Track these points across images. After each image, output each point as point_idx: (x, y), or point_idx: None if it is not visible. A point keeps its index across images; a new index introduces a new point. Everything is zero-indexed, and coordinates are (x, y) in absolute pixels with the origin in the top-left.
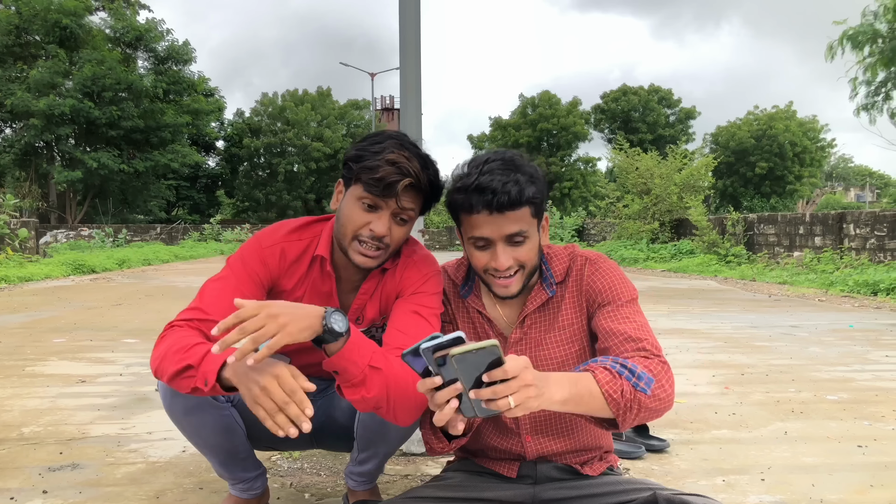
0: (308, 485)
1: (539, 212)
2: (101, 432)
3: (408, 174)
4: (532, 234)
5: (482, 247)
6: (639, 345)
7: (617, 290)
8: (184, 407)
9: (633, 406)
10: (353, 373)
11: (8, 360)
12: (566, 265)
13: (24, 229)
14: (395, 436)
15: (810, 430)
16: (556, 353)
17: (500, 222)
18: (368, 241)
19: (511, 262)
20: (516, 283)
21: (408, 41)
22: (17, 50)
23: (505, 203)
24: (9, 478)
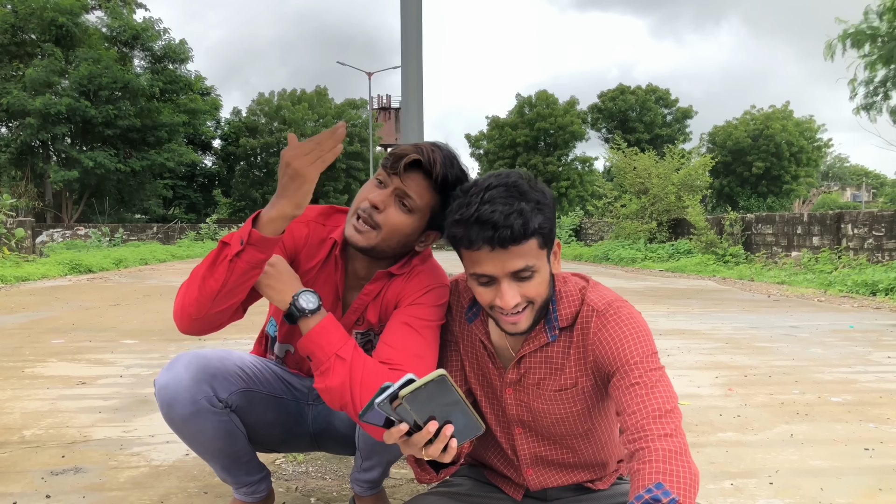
0: (313, 489)
1: (548, 241)
2: (103, 435)
3: (419, 153)
4: (541, 266)
5: (486, 283)
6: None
7: (630, 350)
8: (182, 416)
9: None
10: (319, 358)
11: (7, 362)
12: (574, 310)
13: (21, 229)
14: (396, 446)
15: (816, 433)
16: (555, 409)
17: (504, 258)
18: (362, 213)
19: (518, 300)
20: (525, 319)
21: (409, 41)
22: (13, 48)
23: (508, 238)
24: (11, 482)
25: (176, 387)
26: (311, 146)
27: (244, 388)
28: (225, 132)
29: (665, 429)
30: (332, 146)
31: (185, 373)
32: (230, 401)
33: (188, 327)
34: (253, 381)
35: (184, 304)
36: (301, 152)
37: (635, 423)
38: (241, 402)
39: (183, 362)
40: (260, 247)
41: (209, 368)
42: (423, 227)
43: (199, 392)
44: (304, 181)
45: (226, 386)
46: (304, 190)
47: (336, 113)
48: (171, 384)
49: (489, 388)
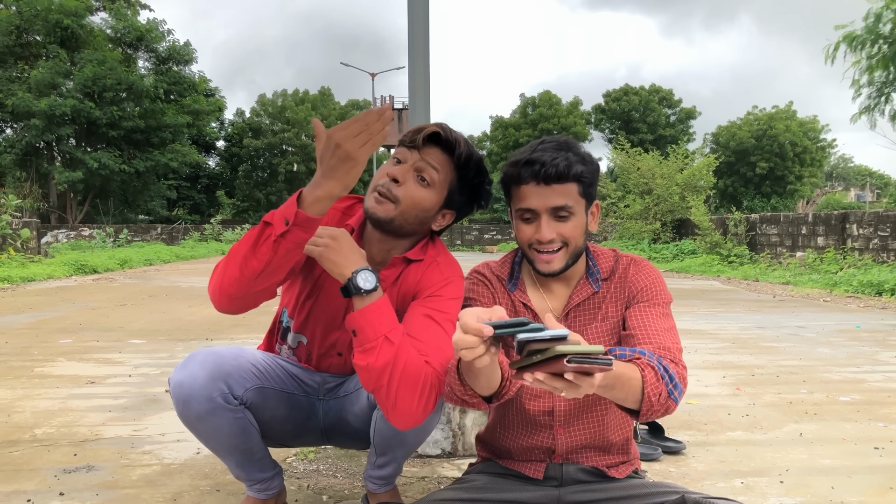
0: (325, 487)
1: (587, 194)
2: (114, 434)
3: (439, 128)
4: (578, 212)
5: (528, 219)
6: (672, 354)
7: (657, 289)
8: (197, 413)
9: (660, 410)
10: (367, 336)
11: (16, 361)
12: (611, 264)
13: (27, 230)
14: (412, 440)
15: (825, 432)
16: (595, 343)
17: (546, 194)
18: (381, 187)
19: (554, 236)
20: (559, 259)
21: (416, 42)
22: (18, 50)
23: (552, 175)
24: (25, 480)
25: (191, 384)
26: (359, 127)
27: (258, 384)
28: (228, 133)
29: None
30: (381, 129)
31: (200, 370)
32: (245, 398)
33: (226, 306)
34: (266, 378)
35: (223, 284)
36: (351, 133)
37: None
38: (256, 399)
39: (198, 360)
40: (305, 227)
41: (224, 366)
42: (441, 203)
43: (214, 389)
44: (355, 164)
45: (240, 383)
46: (354, 173)
47: (340, 114)
48: (186, 382)
49: None
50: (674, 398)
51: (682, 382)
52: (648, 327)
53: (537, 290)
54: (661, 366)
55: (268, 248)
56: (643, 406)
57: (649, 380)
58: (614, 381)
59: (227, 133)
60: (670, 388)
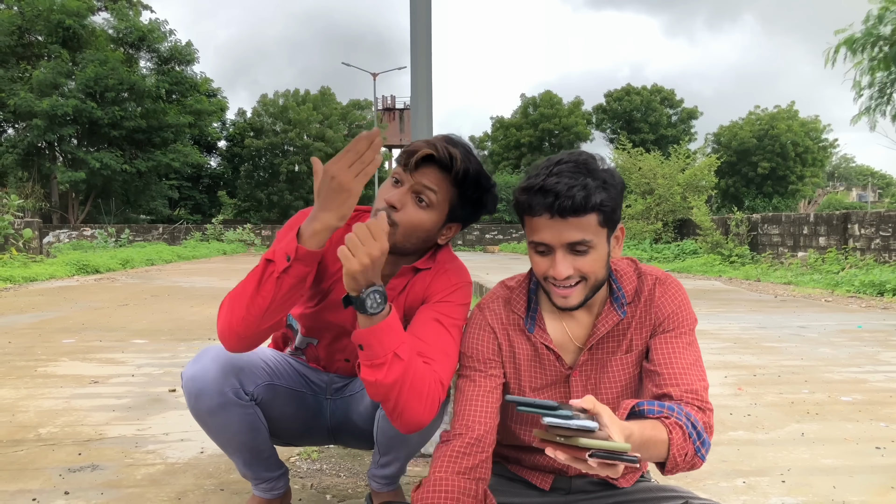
0: (328, 486)
1: (609, 221)
2: (118, 433)
3: (433, 148)
4: (598, 244)
5: (542, 252)
6: (699, 398)
7: (683, 315)
8: (208, 408)
9: (685, 467)
10: (377, 352)
11: (20, 361)
12: (635, 284)
13: (29, 229)
14: (415, 440)
15: (827, 432)
16: (620, 376)
17: (562, 228)
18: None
19: (570, 272)
20: (576, 294)
21: (418, 43)
22: (19, 50)
23: (568, 208)
24: (29, 479)
25: (203, 378)
26: (352, 157)
27: (268, 381)
28: (230, 133)
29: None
30: (372, 157)
31: (212, 365)
32: (255, 394)
33: (236, 345)
34: (276, 375)
35: (231, 324)
36: (344, 165)
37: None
38: (266, 396)
39: (210, 355)
40: (306, 261)
41: (236, 361)
42: (444, 220)
43: (226, 384)
44: (349, 195)
45: (252, 379)
46: (350, 203)
47: (341, 114)
48: (198, 376)
49: (549, 384)
50: (700, 455)
51: (709, 432)
52: (674, 364)
53: (558, 323)
54: (689, 423)
55: (271, 285)
56: (668, 464)
57: (676, 441)
58: (641, 446)
59: (228, 133)
60: (697, 446)
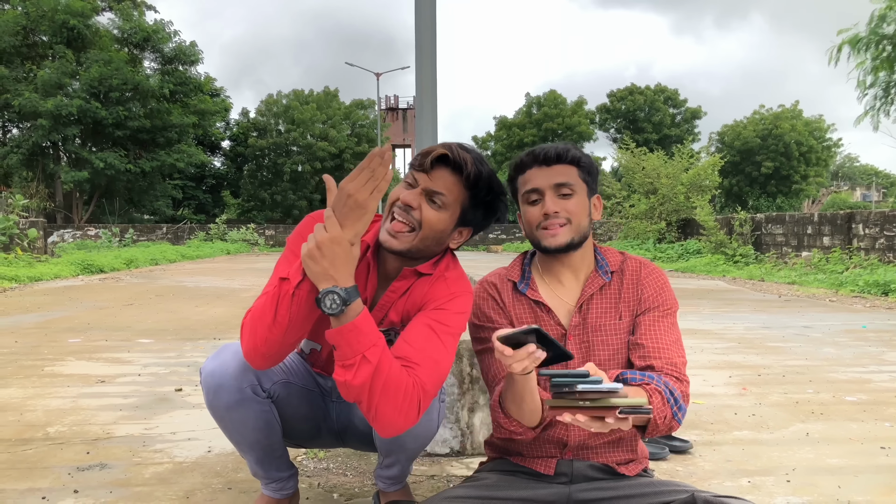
0: (336, 485)
1: (587, 180)
2: (126, 432)
3: (448, 149)
4: (579, 192)
5: (534, 201)
6: (678, 370)
7: (666, 295)
8: (226, 403)
9: (664, 430)
10: (345, 353)
11: (26, 360)
12: (620, 259)
13: (34, 229)
14: (411, 445)
15: (832, 432)
16: (612, 340)
17: (548, 173)
18: (397, 213)
19: (558, 209)
20: (564, 234)
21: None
22: (24, 50)
23: (552, 155)
24: (39, 477)
25: (223, 373)
26: (367, 175)
27: (284, 379)
28: (234, 133)
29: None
30: (384, 174)
31: (232, 360)
32: (272, 391)
33: (262, 364)
34: (291, 374)
35: (255, 344)
36: (360, 183)
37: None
38: (282, 393)
39: (230, 350)
40: None
41: None
42: (455, 223)
43: (244, 380)
44: (364, 211)
45: (269, 376)
46: (365, 220)
47: (344, 114)
48: (217, 371)
49: None
50: (677, 419)
51: (686, 399)
52: (657, 339)
53: (548, 287)
54: (667, 390)
55: (287, 302)
56: (649, 425)
57: (656, 405)
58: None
59: (232, 133)
60: (675, 411)
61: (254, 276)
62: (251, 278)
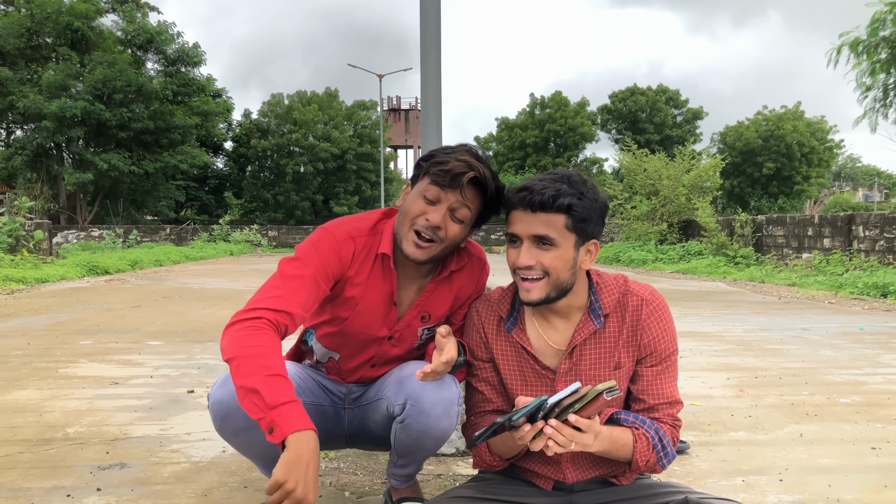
0: (346, 483)
1: (578, 228)
2: (142, 433)
3: (474, 169)
4: (563, 245)
5: (514, 244)
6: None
7: (667, 340)
8: (234, 429)
9: (647, 471)
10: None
11: (40, 363)
12: (616, 298)
13: (40, 231)
14: (430, 446)
15: (825, 433)
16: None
17: (531, 221)
18: (423, 231)
19: (533, 263)
20: (538, 290)
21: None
22: (28, 52)
23: (536, 203)
24: (63, 476)
25: (230, 403)
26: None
27: None
28: (236, 134)
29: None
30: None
31: None
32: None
33: None
34: (300, 392)
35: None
36: None
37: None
38: None
39: None
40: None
41: None
42: (471, 229)
43: None
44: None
45: None
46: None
47: (347, 114)
48: (225, 400)
49: (534, 389)
50: (661, 464)
51: (675, 443)
52: (659, 395)
53: (536, 328)
54: (657, 436)
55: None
56: (632, 464)
57: (640, 448)
58: (610, 445)
59: (235, 134)
60: (660, 456)
61: (258, 278)
62: (256, 279)
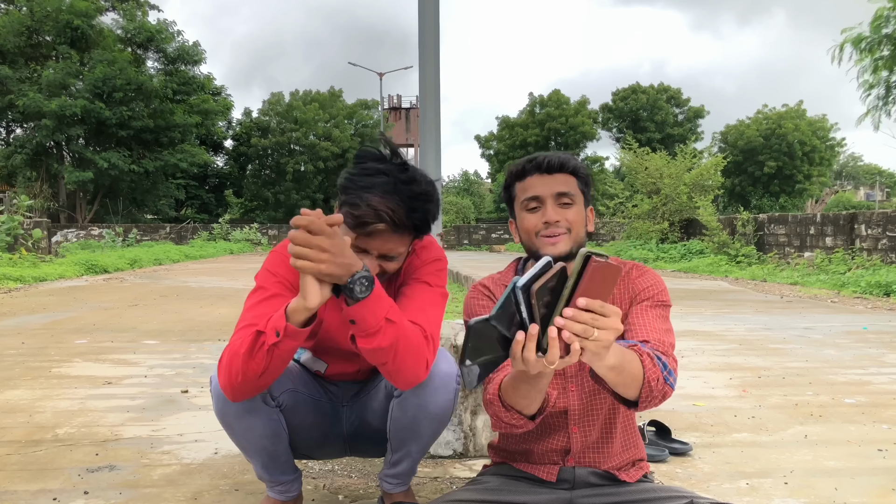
0: (340, 487)
1: (585, 188)
2: (133, 434)
3: (384, 220)
4: (578, 202)
5: (534, 209)
6: (665, 346)
7: (658, 290)
8: (235, 411)
9: (658, 396)
10: (370, 323)
11: (34, 362)
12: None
13: (38, 230)
14: (426, 432)
15: (830, 434)
16: None
17: (550, 182)
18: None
19: (559, 218)
20: (564, 242)
21: (427, 46)
22: (28, 51)
23: (555, 164)
24: (49, 479)
25: None
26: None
27: (292, 388)
28: (237, 132)
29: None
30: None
31: None
32: (281, 400)
33: (238, 397)
34: (298, 383)
35: (230, 382)
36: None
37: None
38: (289, 403)
39: None
40: (293, 336)
41: None
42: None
43: None
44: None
45: (278, 385)
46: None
47: (348, 113)
48: None
49: None
50: (669, 383)
51: (675, 371)
52: (648, 326)
53: None
54: (655, 355)
55: (262, 355)
56: (643, 391)
57: (647, 364)
58: (621, 357)
59: (235, 132)
60: (665, 375)
61: None
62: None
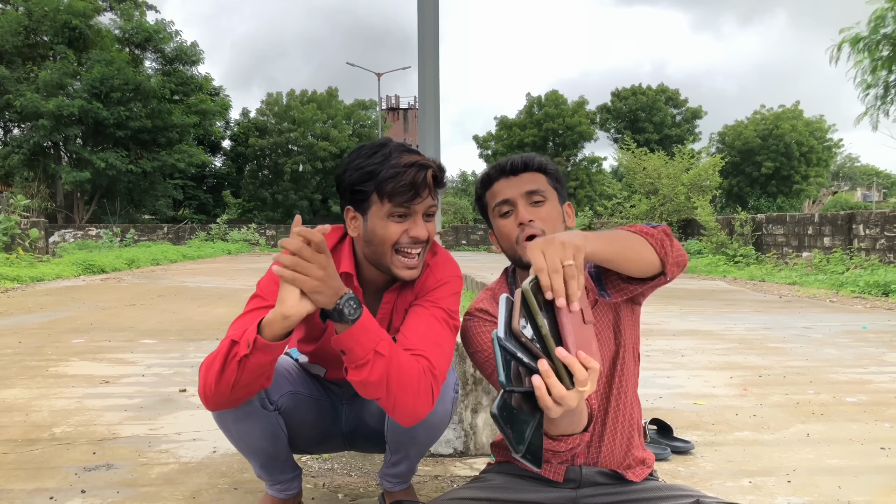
0: (340, 485)
1: (556, 184)
2: (131, 433)
3: (428, 167)
4: (551, 198)
5: (506, 213)
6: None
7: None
8: (234, 416)
9: (665, 241)
10: (358, 354)
11: (31, 361)
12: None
13: (35, 230)
14: (423, 437)
15: (832, 433)
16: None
17: (517, 183)
18: (410, 248)
19: (532, 217)
20: None
21: (426, 46)
22: (26, 51)
23: (518, 165)
24: (46, 478)
25: None
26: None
27: (292, 390)
28: (234, 133)
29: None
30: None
31: None
32: (279, 403)
33: (214, 408)
34: (297, 384)
35: (206, 393)
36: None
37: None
38: (288, 405)
39: None
40: (264, 350)
41: None
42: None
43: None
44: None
45: (276, 388)
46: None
47: (346, 113)
48: None
49: None
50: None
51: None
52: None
53: None
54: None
55: (234, 367)
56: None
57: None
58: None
59: (232, 132)
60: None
61: (255, 277)
62: (253, 278)
